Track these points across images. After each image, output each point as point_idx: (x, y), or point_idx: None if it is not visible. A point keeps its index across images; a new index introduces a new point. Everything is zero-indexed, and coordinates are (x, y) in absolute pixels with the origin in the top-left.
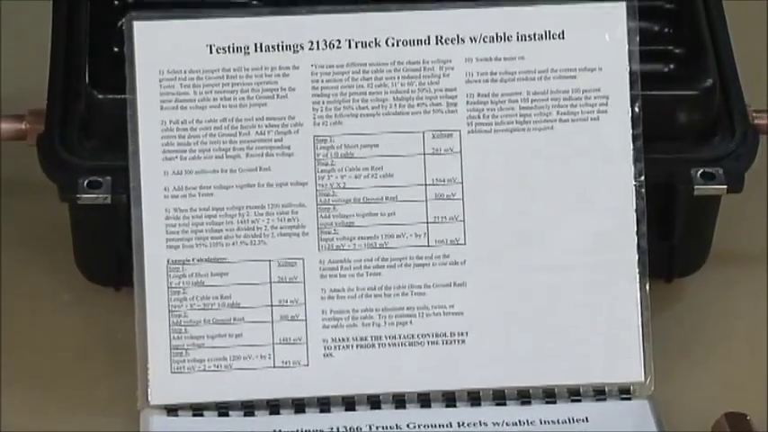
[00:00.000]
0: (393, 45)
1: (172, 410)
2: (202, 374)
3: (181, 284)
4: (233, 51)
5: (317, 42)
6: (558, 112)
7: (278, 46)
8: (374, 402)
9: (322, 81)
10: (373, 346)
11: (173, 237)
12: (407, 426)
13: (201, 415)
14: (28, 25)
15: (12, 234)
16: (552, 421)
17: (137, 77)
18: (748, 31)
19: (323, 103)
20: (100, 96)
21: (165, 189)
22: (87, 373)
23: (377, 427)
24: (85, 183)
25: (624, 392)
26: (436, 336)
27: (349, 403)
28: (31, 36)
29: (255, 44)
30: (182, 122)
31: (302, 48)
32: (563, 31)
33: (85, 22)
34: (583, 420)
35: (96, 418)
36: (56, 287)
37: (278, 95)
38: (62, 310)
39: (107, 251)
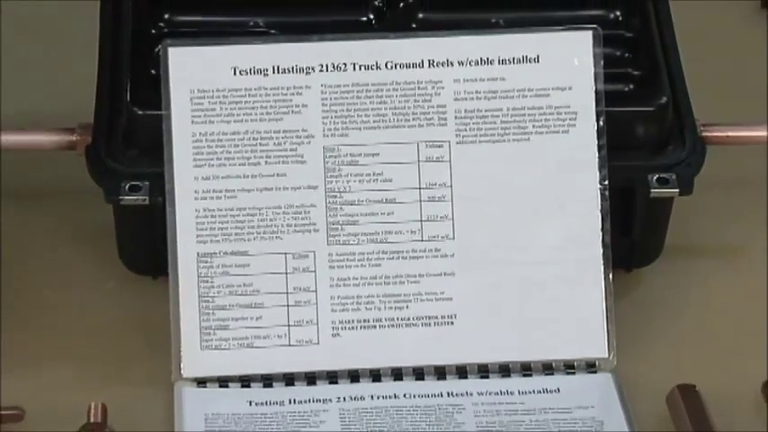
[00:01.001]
0: (392, 68)
1: (201, 382)
2: (227, 351)
3: (209, 274)
4: (254, 73)
5: (327, 65)
6: (533, 126)
7: (293, 68)
8: (375, 375)
9: (330, 99)
10: (374, 327)
11: (202, 233)
12: (404, 395)
13: (227, 386)
14: (77, 51)
15: (65, 232)
16: (529, 392)
17: (171, 96)
18: (697, 56)
19: (331, 117)
20: (139, 112)
21: (196, 192)
22: (129, 350)
23: (378, 397)
24: (127, 187)
25: (591, 367)
26: (429, 318)
27: (354, 376)
28: (80, 60)
29: (273, 67)
30: (210, 134)
31: (313, 70)
32: (538, 56)
33: (127, 48)
34: (555, 391)
35: (136, 389)
36: (102, 277)
37: (292, 111)
38: (107, 297)
39: (145, 245)
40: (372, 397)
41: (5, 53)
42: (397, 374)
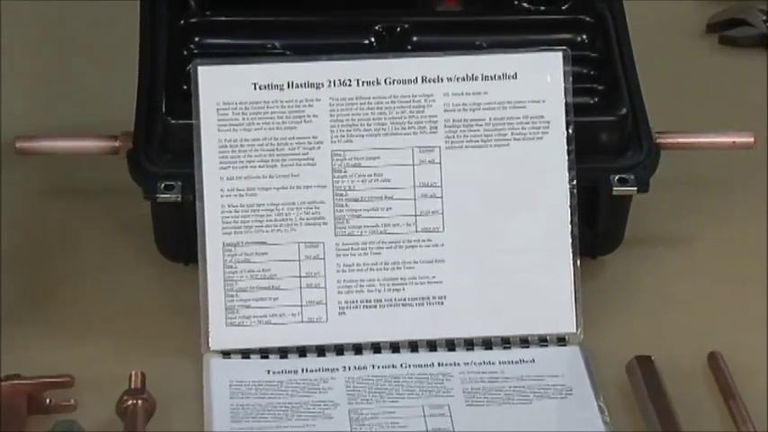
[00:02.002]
0: (390, 83)
1: (226, 354)
2: (249, 327)
3: (233, 261)
4: (271, 88)
5: (334, 81)
6: (512, 133)
7: (305, 84)
8: (376, 348)
9: (337, 110)
10: (375, 306)
11: (227, 226)
12: (401, 365)
13: (248, 357)
14: (121, 70)
15: (109, 224)
16: (508, 362)
17: (200, 108)
18: (652, 73)
19: (338, 126)
20: (173, 122)
21: (221, 190)
22: (163, 326)
23: (378, 367)
24: (162, 186)
25: (561, 340)
26: (422, 299)
27: (357, 349)
28: (123, 78)
29: (288, 82)
30: (233, 141)
31: (323, 85)
32: (516, 73)
33: (163, 67)
34: (531, 361)
35: (170, 360)
36: (141, 263)
37: (305, 121)
38: (145, 280)
39: (178, 236)
40: (373, 366)
41: (62, 74)
42: (395, 347)
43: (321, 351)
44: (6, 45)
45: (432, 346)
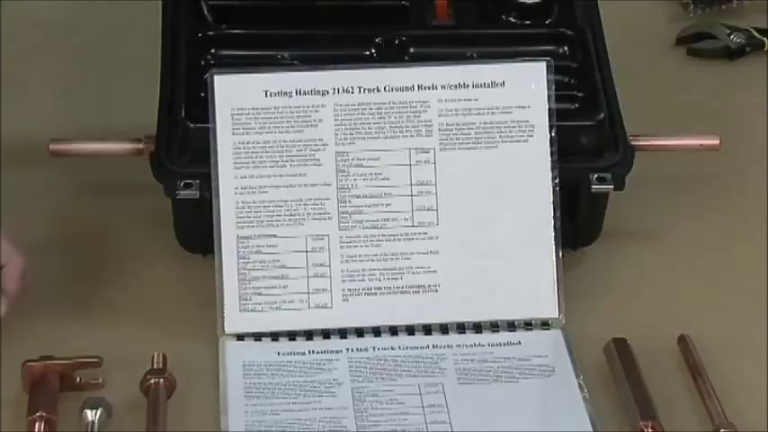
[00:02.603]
0: (389, 91)
1: (240, 337)
2: (260, 313)
3: (246, 253)
4: (281, 95)
5: (338, 89)
6: (500, 136)
7: (311, 91)
8: (376, 332)
9: (341, 115)
10: (376, 294)
11: (241, 220)
12: (399, 347)
13: (260, 340)
14: (144, 79)
15: (134, 219)
16: (496, 344)
17: (216, 113)
18: (627, 82)
19: (342, 129)
20: (192, 126)
21: (236, 188)
22: (183, 312)
23: (378, 348)
24: (182, 184)
25: (545, 324)
26: (418, 287)
27: (359, 332)
28: (146, 86)
29: (296, 90)
30: (246, 143)
31: (328, 92)
32: (504, 81)
33: (183, 76)
34: (517, 343)
35: (189, 342)
36: (162, 254)
37: (311, 125)
38: (166, 270)
39: (196, 230)
40: (374, 348)
41: (92, 83)
42: (394, 331)
43: (326, 334)
44: (42, 58)
45: (427, 329)
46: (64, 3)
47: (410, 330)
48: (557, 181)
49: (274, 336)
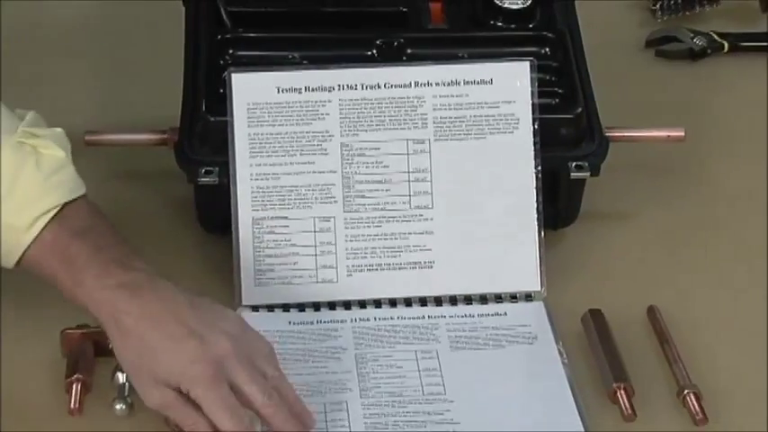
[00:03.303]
0: (389, 87)
1: (255, 308)
2: (273, 286)
3: (260, 233)
4: (292, 91)
5: (343, 86)
6: (488, 128)
7: (319, 88)
8: (377, 303)
9: (346, 109)
10: (377, 269)
11: (255, 204)
12: (397, 317)
13: (273, 311)
14: (168, 76)
15: (159, 203)
16: (485, 314)
17: (233, 107)
18: (603, 79)
19: (346, 122)
20: (211, 119)
21: (251, 175)
22: (204, 286)
23: (379, 319)
24: (203, 171)
25: (528, 297)
26: (415, 263)
27: (362, 304)
28: (171, 83)
29: (305, 86)
30: (260, 135)
31: (334, 89)
32: (492, 79)
33: (203, 74)
34: (503, 314)
35: None
36: (185, 235)
37: (319, 118)
38: (189, 249)
39: (216, 212)
40: (375, 318)
41: (122, 80)
42: (393, 303)
43: (332, 306)
44: (77, 59)
45: (423, 301)
46: (96, 8)
47: (407, 302)
48: (539, 168)
49: (285, 307)
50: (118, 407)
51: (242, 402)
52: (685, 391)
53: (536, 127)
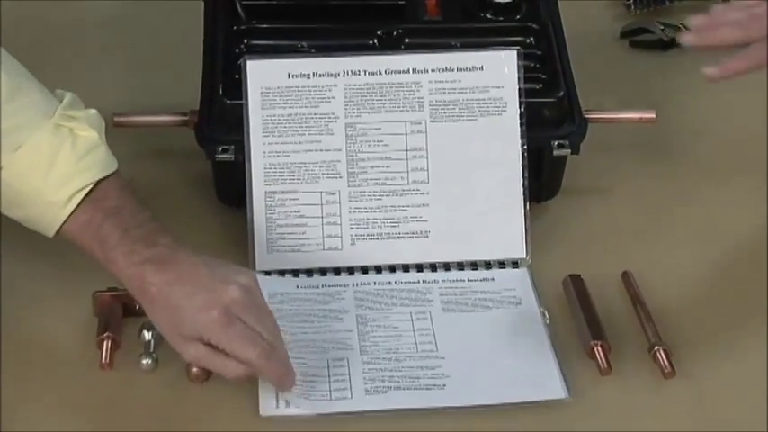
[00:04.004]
0: (389, 73)
1: (267, 273)
2: (284, 253)
3: (272, 205)
4: (301, 77)
5: (347, 72)
6: (479, 111)
7: (325, 74)
8: (378, 269)
9: (350, 93)
10: (377, 239)
11: (268, 178)
12: (395, 282)
13: (283, 275)
14: (189, 64)
15: (180, 178)
16: (475, 279)
17: (248, 92)
18: (582, 67)
19: (350, 105)
20: (228, 102)
21: (264, 153)
22: (221, 253)
23: (378, 283)
24: (220, 150)
25: (514, 264)
26: (412, 233)
27: (364, 270)
28: (191, 70)
29: (313, 72)
30: (273, 116)
31: (339, 75)
32: (482, 66)
33: (221, 61)
34: (491, 279)
35: None
36: (205, 207)
37: (325, 101)
38: (209, 219)
39: (232, 187)
40: (375, 283)
41: (146, 68)
42: (392, 268)
43: (337, 271)
44: (105, 51)
45: (418, 268)
46: (126, 7)
47: (405, 268)
48: (525, 147)
49: (295, 272)
50: (144, 362)
51: None
52: (655, 348)
53: (522, 109)
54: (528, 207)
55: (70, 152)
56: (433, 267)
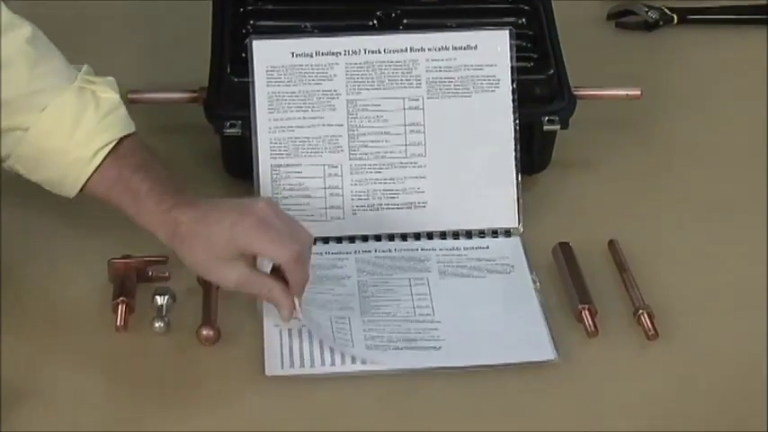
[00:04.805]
0: (388, 52)
1: None
2: None
3: (278, 177)
4: (304, 56)
5: (348, 51)
6: (474, 87)
7: (327, 53)
8: (377, 238)
9: (351, 71)
10: (377, 209)
11: (274, 152)
12: (394, 250)
13: None
14: (199, 44)
15: (191, 151)
16: (469, 247)
17: (254, 70)
18: (572, 46)
19: (351, 82)
20: (235, 80)
21: (270, 128)
22: None
23: (378, 251)
24: (228, 125)
25: (507, 233)
26: (410, 204)
27: (365, 238)
28: (200, 49)
29: (315, 51)
30: (278, 93)
31: (340, 54)
32: (476, 45)
33: (228, 41)
34: (486, 247)
35: None
36: (214, 179)
37: (328, 79)
38: (217, 190)
39: (240, 160)
40: (375, 251)
41: (159, 47)
42: (391, 237)
43: (339, 239)
44: (121, 35)
45: (416, 236)
46: None
47: (403, 237)
48: (517, 122)
49: None
50: (157, 325)
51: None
52: (640, 312)
53: (514, 86)
54: (520, 179)
55: (94, 112)
56: (430, 236)
